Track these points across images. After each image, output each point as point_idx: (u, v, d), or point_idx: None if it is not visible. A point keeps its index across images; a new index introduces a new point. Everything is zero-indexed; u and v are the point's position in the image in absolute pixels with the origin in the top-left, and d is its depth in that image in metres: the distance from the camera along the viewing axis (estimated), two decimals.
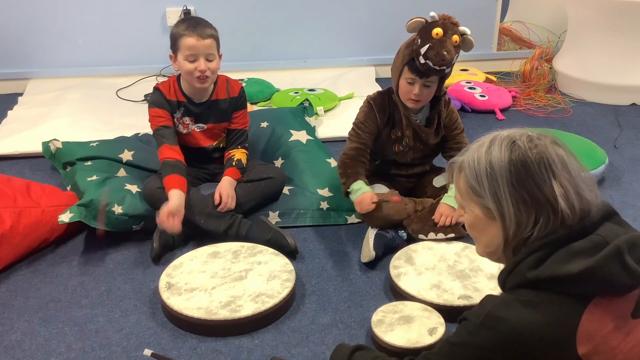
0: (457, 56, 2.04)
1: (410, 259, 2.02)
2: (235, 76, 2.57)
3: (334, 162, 2.49)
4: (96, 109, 3.28)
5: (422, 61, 2.00)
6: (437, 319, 1.74)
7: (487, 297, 1.20)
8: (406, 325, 1.72)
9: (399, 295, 1.89)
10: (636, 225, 1.87)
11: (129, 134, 2.76)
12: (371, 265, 2.08)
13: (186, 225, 2.14)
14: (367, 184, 2.15)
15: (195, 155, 2.37)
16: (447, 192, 2.20)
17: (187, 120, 2.32)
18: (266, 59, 3.85)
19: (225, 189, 2.22)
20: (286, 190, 2.39)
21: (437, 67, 2.00)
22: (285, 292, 1.86)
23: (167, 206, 2.07)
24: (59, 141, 2.61)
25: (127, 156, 2.51)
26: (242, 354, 1.72)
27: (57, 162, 2.60)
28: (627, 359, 1.12)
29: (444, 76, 2.10)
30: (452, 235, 2.12)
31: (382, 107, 2.20)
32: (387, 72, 2.30)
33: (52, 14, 3.60)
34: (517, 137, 1.20)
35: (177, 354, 1.72)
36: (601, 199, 1.21)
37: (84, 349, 1.75)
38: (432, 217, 2.15)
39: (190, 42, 2.16)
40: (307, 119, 2.85)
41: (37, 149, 2.71)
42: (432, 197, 2.26)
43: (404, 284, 1.90)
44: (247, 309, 1.79)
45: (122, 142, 2.61)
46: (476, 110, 3.37)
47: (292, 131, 2.64)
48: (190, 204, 2.15)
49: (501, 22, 4.19)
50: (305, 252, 2.17)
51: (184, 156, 2.25)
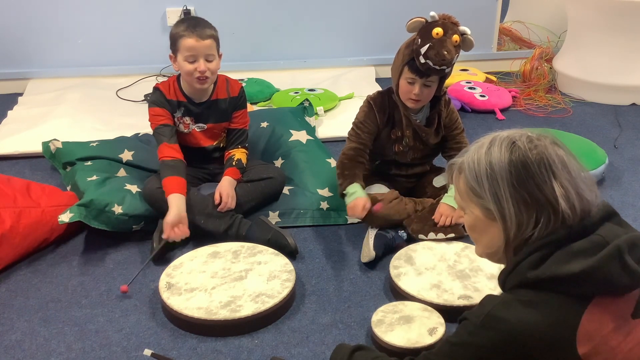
0: (457, 56, 2.05)
1: (410, 259, 2.02)
2: (235, 76, 2.56)
3: (334, 162, 2.48)
4: (96, 109, 3.28)
5: (423, 61, 2.00)
6: (437, 319, 1.74)
7: (487, 297, 1.20)
8: (406, 325, 1.71)
9: (399, 295, 1.89)
10: (636, 225, 1.87)
11: (129, 134, 2.76)
12: (371, 265, 2.08)
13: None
14: (364, 186, 2.14)
15: (195, 155, 2.37)
16: (447, 192, 2.20)
17: (187, 120, 2.32)
18: (266, 59, 3.85)
19: (225, 188, 2.22)
20: (286, 190, 2.39)
21: (437, 67, 2.00)
22: (285, 292, 1.86)
23: (168, 219, 2.07)
24: (59, 141, 2.61)
25: (127, 156, 2.51)
26: (242, 354, 1.72)
27: (57, 162, 2.60)
28: (627, 359, 1.12)
29: (444, 76, 2.10)
30: (452, 235, 2.12)
31: (382, 107, 2.20)
32: (387, 72, 2.30)
33: (52, 14, 3.60)
34: (517, 137, 1.20)
35: (177, 354, 1.72)
36: (601, 199, 1.21)
37: (84, 349, 1.75)
38: (432, 217, 2.16)
39: (189, 42, 2.16)
40: (307, 119, 2.85)
41: (37, 149, 2.71)
42: (432, 197, 2.27)
43: (404, 284, 1.90)
44: (247, 309, 1.79)
45: (122, 142, 2.62)
46: (476, 110, 3.37)
47: (292, 131, 2.64)
48: (190, 204, 2.15)
49: (501, 22, 4.19)
50: (305, 252, 2.17)
51: (183, 156, 2.25)
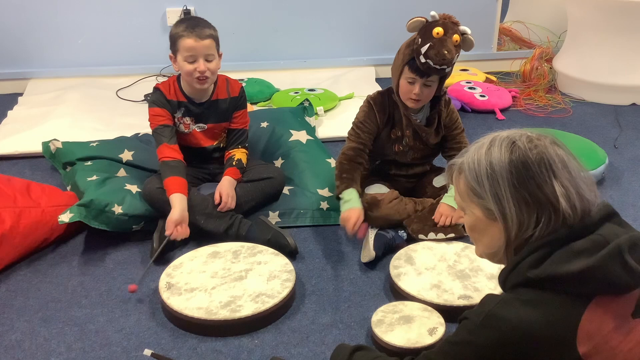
0: (458, 55, 2.05)
1: (410, 259, 2.02)
2: (235, 76, 2.56)
3: (334, 162, 2.47)
4: (96, 109, 3.28)
5: (423, 60, 2.00)
6: (437, 319, 1.74)
7: (487, 296, 1.20)
8: (406, 325, 1.71)
9: (399, 295, 1.89)
10: (636, 225, 1.87)
11: (129, 134, 2.76)
12: (371, 265, 2.08)
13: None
14: (360, 192, 2.14)
15: (195, 155, 2.37)
16: (447, 192, 2.20)
17: (187, 120, 2.32)
18: (266, 59, 3.85)
19: (225, 188, 2.22)
20: (286, 190, 2.39)
21: (437, 67, 1.99)
22: (285, 292, 1.86)
23: (172, 217, 2.07)
24: (59, 141, 2.61)
25: (127, 156, 2.51)
26: (242, 354, 1.72)
27: (57, 162, 2.60)
28: (627, 358, 1.12)
29: (444, 75, 2.10)
30: (452, 235, 2.12)
31: (382, 107, 2.19)
32: (387, 72, 2.30)
33: (52, 14, 3.60)
34: (517, 137, 1.20)
35: (177, 354, 1.72)
36: (601, 198, 1.21)
37: (84, 349, 1.74)
38: (432, 217, 2.16)
39: (189, 43, 2.16)
40: (307, 119, 2.85)
41: (37, 149, 2.71)
42: (432, 197, 2.26)
43: (404, 284, 1.89)
44: (247, 309, 1.79)
45: (122, 142, 2.62)
46: (476, 110, 3.37)
47: (292, 131, 2.64)
48: (190, 204, 2.15)
49: (501, 22, 4.19)
50: (305, 252, 2.17)
51: (183, 156, 2.25)
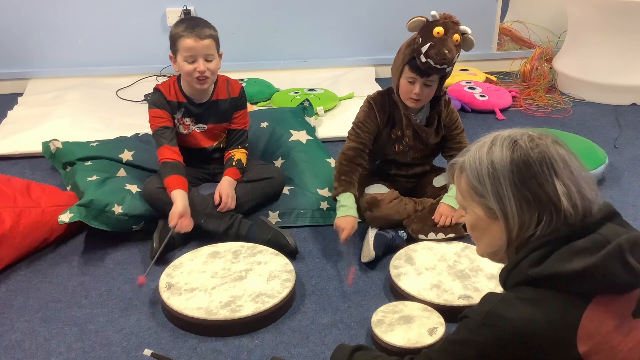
0: (458, 55, 2.04)
1: (410, 259, 2.01)
2: (235, 76, 2.57)
3: (334, 162, 2.48)
4: (96, 109, 3.28)
5: (423, 60, 2.00)
6: (437, 319, 1.74)
7: (488, 294, 1.19)
8: (406, 325, 1.71)
9: (399, 295, 1.89)
10: (636, 225, 1.87)
11: (129, 134, 2.76)
12: (371, 265, 2.08)
13: None
14: (357, 196, 2.13)
15: (195, 155, 2.37)
16: (447, 192, 2.20)
17: (187, 120, 2.31)
18: (266, 59, 3.85)
19: (225, 189, 2.22)
20: (286, 190, 2.39)
21: (438, 66, 1.99)
22: (285, 292, 1.85)
23: (176, 209, 2.08)
24: (59, 141, 2.61)
25: (127, 156, 2.51)
26: (242, 354, 1.72)
27: (57, 162, 2.60)
28: (627, 358, 1.12)
29: (444, 75, 2.10)
30: (452, 235, 2.12)
31: (382, 107, 2.19)
32: (387, 72, 2.30)
33: (52, 14, 3.60)
34: (518, 136, 1.20)
35: (177, 354, 1.71)
36: (602, 198, 1.21)
37: (84, 349, 1.74)
38: (432, 217, 2.16)
39: (188, 43, 2.15)
40: (307, 119, 2.85)
41: (37, 149, 2.71)
42: (432, 197, 2.26)
43: (404, 284, 1.89)
44: (247, 309, 1.79)
45: (122, 142, 2.62)
46: (476, 110, 3.37)
47: (292, 131, 2.64)
48: (190, 204, 2.15)
49: (501, 22, 4.19)
50: (305, 252, 2.17)
51: (183, 156, 2.25)
